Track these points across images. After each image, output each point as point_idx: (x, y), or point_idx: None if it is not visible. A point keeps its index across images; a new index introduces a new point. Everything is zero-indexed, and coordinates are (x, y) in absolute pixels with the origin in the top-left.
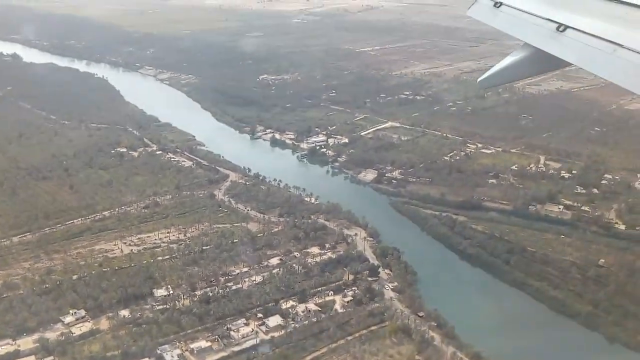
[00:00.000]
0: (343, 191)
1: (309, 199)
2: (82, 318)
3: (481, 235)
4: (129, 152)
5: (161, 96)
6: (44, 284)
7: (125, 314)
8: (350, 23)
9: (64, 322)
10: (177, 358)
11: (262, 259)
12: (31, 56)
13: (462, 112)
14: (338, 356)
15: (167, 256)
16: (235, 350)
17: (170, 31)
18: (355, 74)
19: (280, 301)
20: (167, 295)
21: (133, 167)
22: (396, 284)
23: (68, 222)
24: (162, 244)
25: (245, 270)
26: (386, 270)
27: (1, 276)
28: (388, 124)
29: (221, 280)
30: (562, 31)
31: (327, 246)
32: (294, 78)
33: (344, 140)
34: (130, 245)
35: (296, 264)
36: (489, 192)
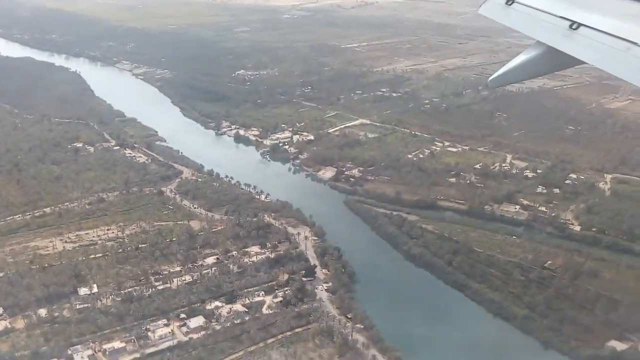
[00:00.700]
0: (299, 189)
1: (260, 197)
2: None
3: (430, 235)
4: (86, 147)
5: (132, 91)
6: None
7: (44, 312)
8: (341, 19)
9: None
10: (87, 359)
11: (197, 258)
12: (10, 50)
13: (436, 110)
14: (256, 359)
15: (101, 254)
16: (149, 351)
17: (156, 26)
18: (335, 71)
19: (207, 302)
20: (90, 294)
21: (86, 163)
22: (331, 284)
23: (8, 218)
24: (99, 242)
25: (178, 269)
26: (324, 270)
27: None
28: (358, 121)
29: (151, 279)
30: (575, 29)
31: (268, 245)
32: (272, 74)
33: (310, 137)
34: (66, 242)
35: (231, 264)
36: (446, 191)
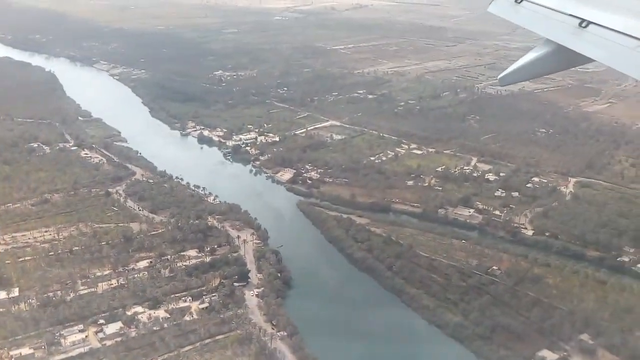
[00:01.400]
0: (253, 191)
1: (209, 199)
2: None
3: (377, 239)
4: (42, 147)
5: (104, 91)
6: None
7: None
8: (332, 21)
9: None
10: None
11: (130, 261)
12: None
13: (408, 112)
14: None
15: (31, 257)
16: (58, 358)
17: (143, 27)
18: (315, 72)
19: (129, 307)
20: (9, 298)
21: (39, 163)
22: (262, 289)
23: None
24: (34, 244)
25: (108, 273)
26: (259, 275)
27: None
28: (329, 122)
29: (78, 283)
30: (584, 27)
31: (207, 249)
32: (250, 75)
33: (275, 139)
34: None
35: (163, 268)
36: (402, 194)
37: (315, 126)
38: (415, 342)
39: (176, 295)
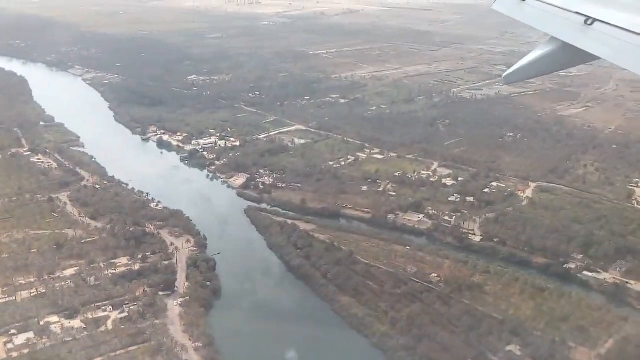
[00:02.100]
0: (203, 196)
1: (153, 205)
2: None
3: (319, 245)
4: None
5: (73, 96)
6: None
7: None
8: (320, 26)
9: None
10: None
11: (57, 269)
12: None
13: (378, 117)
14: None
15: None
16: None
17: (127, 32)
18: (291, 77)
19: (45, 316)
20: None
21: None
22: (187, 298)
23: None
24: None
25: (32, 281)
26: (187, 284)
27: None
28: (295, 127)
29: None
30: (590, 24)
31: (139, 256)
32: (224, 79)
33: (235, 143)
34: None
35: (89, 276)
36: (355, 200)
37: (280, 131)
38: (334, 353)
39: (97, 304)
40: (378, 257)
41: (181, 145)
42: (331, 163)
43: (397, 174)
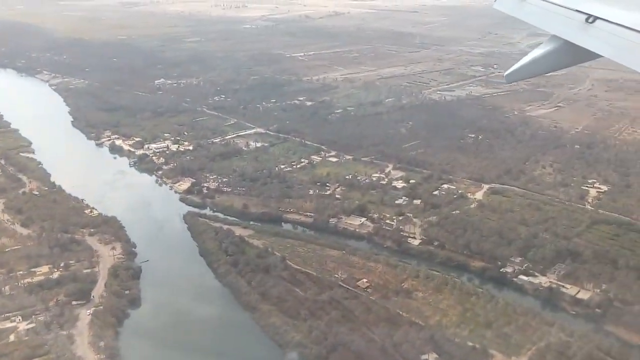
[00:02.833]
0: (144, 202)
1: (89, 211)
2: None
3: (252, 251)
4: None
5: (35, 101)
6: None
7: None
8: (303, 29)
9: None
10: None
11: None
12: None
13: (341, 119)
14: None
15: None
16: None
17: (104, 37)
18: (261, 79)
19: None
20: None
21: None
22: (101, 308)
23: None
24: None
25: None
26: (104, 293)
27: None
28: (254, 130)
29: None
30: (591, 22)
31: (62, 265)
32: (193, 82)
33: (188, 147)
34: None
35: (5, 285)
36: (300, 204)
37: (238, 134)
38: None
39: (7, 315)
40: (310, 262)
41: (132, 150)
42: (283, 167)
43: (348, 177)
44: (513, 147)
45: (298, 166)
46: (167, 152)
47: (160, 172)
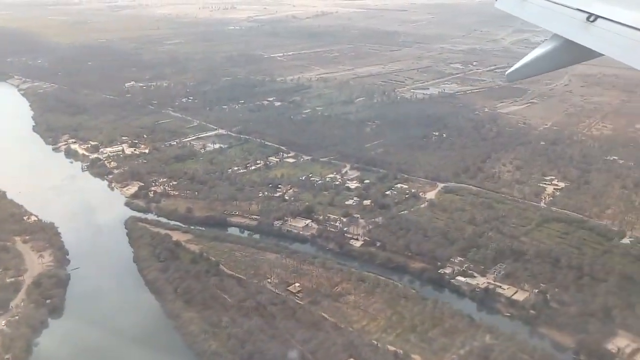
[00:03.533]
0: (88, 207)
1: (26, 218)
2: None
3: (187, 257)
4: None
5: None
6: None
7: None
8: (287, 29)
9: None
10: None
11: None
12: None
13: (307, 119)
14: None
15: None
16: None
17: (85, 40)
18: (234, 80)
19: None
20: None
21: None
22: (17, 318)
23: None
24: None
25: None
26: (22, 303)
27: None
28: (215, 132)
29: None
30: (592, 21)
31: None
32: (163, 85)
33: (144, 151)
34: None
35: None
36: (246, 207)
37: (199, 136)
38: None
39: None
40: (245, 267)
41: (86, 154)
42: (236, 168)
43: (302, 178)
44: (476, 145)
45: (253, 168)
46: (121, 155)
47: (110, 177)
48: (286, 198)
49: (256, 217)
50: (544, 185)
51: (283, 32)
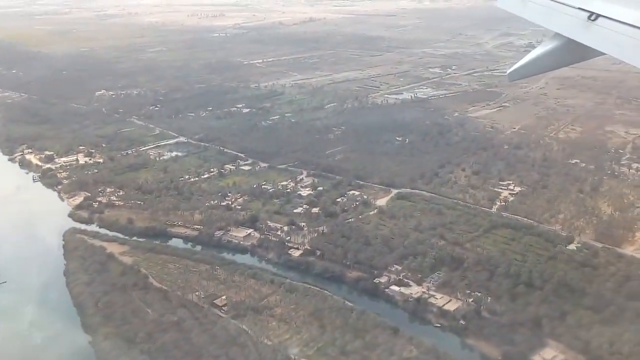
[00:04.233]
0: (29, 219)
1: None
2: None
3: (117, 269)
4: None
5: None
6: None
7: None
8: (271, 36)
9: None
10: None
11: None
12: None
13: (273, 126)
14: None
15: None
16: None
17: (66, 49)
18: (207, 88)
19: None
20: None
21: None
22: None
23: None
24: None
25: None
26: None
27: None
28: (176, 140)
29: None
30: (593, 20)
31: None
32: (133, 93)
33: (99, 160)
34: None
35: None
36: (190, 217)
37: (159, 144)
38: None
39: None
40: (175, 279)
41: (40, 164)
42: (187, 177)
43: (255, 186)
44: (439, 150)
45: (205, 176)
46: (75, 165)
47: (60, 187)
48: (232, 207)
49: (198, 227)
50: (499, 190)
51: (268, 39)
